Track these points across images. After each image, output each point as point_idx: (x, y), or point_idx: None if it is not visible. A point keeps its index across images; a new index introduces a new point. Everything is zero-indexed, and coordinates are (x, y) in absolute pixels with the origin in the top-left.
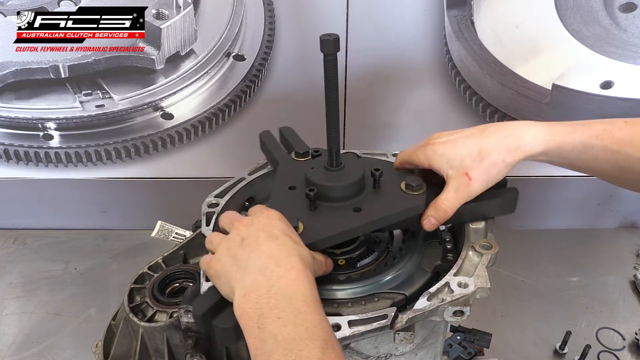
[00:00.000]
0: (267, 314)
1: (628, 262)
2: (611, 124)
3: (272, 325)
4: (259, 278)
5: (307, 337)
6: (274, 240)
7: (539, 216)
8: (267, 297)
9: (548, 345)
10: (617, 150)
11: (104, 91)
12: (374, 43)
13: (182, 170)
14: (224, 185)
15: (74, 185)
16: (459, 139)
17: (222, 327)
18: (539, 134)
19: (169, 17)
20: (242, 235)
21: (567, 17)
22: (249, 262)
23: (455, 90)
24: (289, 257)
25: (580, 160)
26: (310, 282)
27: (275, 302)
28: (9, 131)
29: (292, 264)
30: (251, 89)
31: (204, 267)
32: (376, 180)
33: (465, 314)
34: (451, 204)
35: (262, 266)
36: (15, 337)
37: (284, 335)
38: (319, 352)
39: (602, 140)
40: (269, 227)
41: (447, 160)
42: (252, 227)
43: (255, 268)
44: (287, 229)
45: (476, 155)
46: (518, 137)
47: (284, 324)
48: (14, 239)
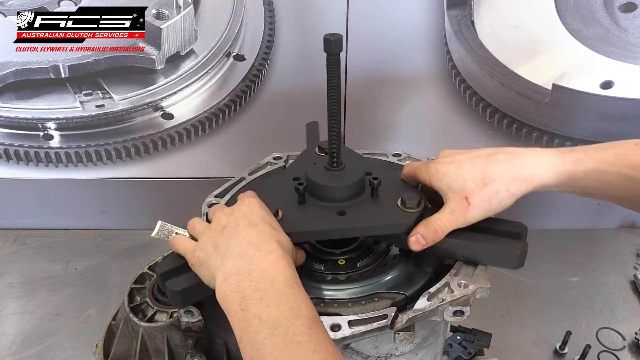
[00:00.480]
0: (250, 297)
1: (628, 262)
2: (622, 148)
3: (256, 306)
4: (239, 263)
5: (292, 316)
6: (253, 226)
7: (539, 216)
8: (248, 280)
9: (548, 345)
10: (632, 176)
11: (104, 91)
12: (374, 43)
13: (182, 170)
14: (224, 185)
15: (74, 185)
16: (464, 161)
17: (171, 290)
18: (550, 164)
19: (169, 17)
20: (222, 224)
21: (567, 17)
22: (229, 249)
23: (456, 90)
24: (267, 242)
25: (593, 187)
26: (290, 265)
27: (256, 284)
28: (9, 131)
29: (270, 249)
30: (251, 89)
31: (187, 255)
32: (374, 189)
33: (465, 314)
34: (443, 225)
35: (242, 251)
36: (15, 337)
37: (268, 315)
38: (305, 328)
39: (616, 165)
40: (248, 214)
41: (448, 180)
42: (233, 215)
43: (235, 253)
44: (267, 216)
45: (480, 180)
46: (527, 166)
47: (267, 305)
48: (14, 239)
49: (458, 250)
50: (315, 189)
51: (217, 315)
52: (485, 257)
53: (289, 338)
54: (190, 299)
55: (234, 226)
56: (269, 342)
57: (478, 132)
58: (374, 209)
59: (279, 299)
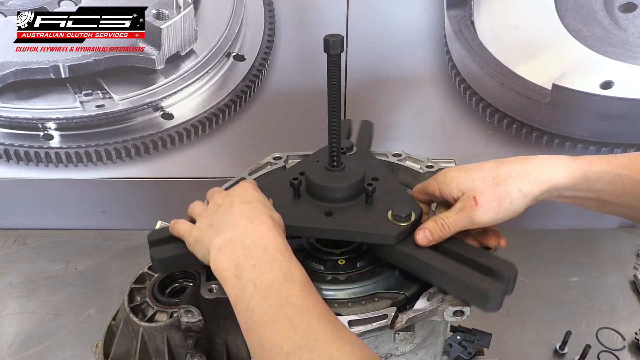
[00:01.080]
0: (244, 264)
1: (628, 262)
2: (636, 155)
3: (250, 272)
4: (232, 233)
5: (285, 280)
6: (247, 203)
7: (539, 216)
8: (241, 249)
9: (548, 345)
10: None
11: (104, 91)
12: (374, 43)
13: (182, 170)
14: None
15: (74, 185)
16: (474, 166)
17: (153, 257)
18: (562, 164)
19: (169, 17)
20: (218, 204)
21: (567, 17)
22: (222, 223)
23: (456, 90)
24: (260, 215)
25: (608, 192)
26: (282, 236)
27: (250, 252)
28: (9, 131)
29: (263, 220)
30: (251, 89)
31: (185, 235)
32: (368, 196)
33: (465, 314)
34: (450, 222)
35: (235, 223)
36: (15, 337)
37: (262, 280)
38: (298, 291)
39: (630, 170)
40: (243, 194)
41: (458, 182)
42: (228, 196)
43: (229, 225)
44: (260, 197)
45: (490, 180)
46: (539, 165)
47: (261, 271)
48: (14, 239)
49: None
50: (310, 186)
51: (217, 315)
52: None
53: (282, 300)
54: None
55: (228, 204)
56: (264, 304)
57: (478, 132)
58: (363, 215)
59: (272, 265)
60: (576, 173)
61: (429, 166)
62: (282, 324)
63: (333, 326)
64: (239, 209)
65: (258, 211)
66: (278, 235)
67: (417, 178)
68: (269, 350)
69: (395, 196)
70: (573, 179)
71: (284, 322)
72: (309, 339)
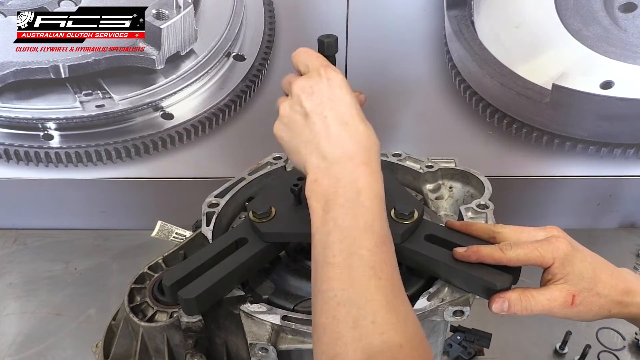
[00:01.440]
0: (333, 201)
1: (628, 262)
2: None
3: (335, 211)
4: (331, 168)
5: (364, 229)
6: (344, 125)
7: (539, 216)
8: (335, 187)
9: (548, 345)
10: None
11: (104, 91)
12: (374, 43)
13: (182, 170)
14: (224, 185)
15: (74, 185)
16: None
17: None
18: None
19: (169, 17)
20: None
21: (567, 17)
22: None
23: (456, 90)
24: (359, 150)
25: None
26: (378, 180)
27: (342, 191)
28: (9, 131)
29: (363, 160)
30: (251, 89)
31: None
32: None
33: (465, 314)
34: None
35: (336, 158)
36: (15, 337)
37: (344, 222)
38: (371, 245)
39: None
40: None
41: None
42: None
43: (330, 155)
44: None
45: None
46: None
47: (346, 213)
48: (14, 239)
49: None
50: None
51: (217, 315)
52: (464, 283)
53: (354, 249)
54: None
55: (321, 119)
56: (336, 247)
57: (478, 132)
58: None
59: (358, 210)
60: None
61: (429, 166)
62: (344, 272)
63: (390, 291)
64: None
65: (358, 142)
66: (374, 180)
67: (417, 178)
68: (324, 291)
69: (395, 195)
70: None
71: (346, 271)
72: (362, 296)
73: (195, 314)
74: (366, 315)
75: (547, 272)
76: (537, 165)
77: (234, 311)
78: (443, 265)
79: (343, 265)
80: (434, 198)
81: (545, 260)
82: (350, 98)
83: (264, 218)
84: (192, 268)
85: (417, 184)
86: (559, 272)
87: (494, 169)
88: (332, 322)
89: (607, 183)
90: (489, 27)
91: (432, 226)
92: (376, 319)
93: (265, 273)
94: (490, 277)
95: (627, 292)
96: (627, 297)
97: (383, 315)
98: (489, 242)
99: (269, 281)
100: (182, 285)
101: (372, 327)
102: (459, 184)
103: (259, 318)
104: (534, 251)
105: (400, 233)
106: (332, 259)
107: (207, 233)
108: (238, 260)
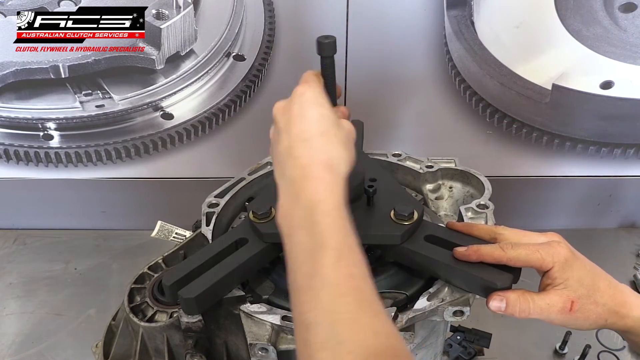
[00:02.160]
0: (293, 224)
1: (628, 262)
2: None
3: (296, 234)
4: (290, 189)
5: (321, 247)
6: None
7: (539, 216)
8: (294, 208)
9: (548, 345)
10: None
11: (104, 91)
12: (374, 43)
13: (182, 170)
14: (224, 185)
15: (74, 185)
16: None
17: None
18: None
19: (169, 17)
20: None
21: (567, 17)
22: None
23: (456, 91)
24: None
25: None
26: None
27: (299, 212)
28: (9, 131)
29: (316, 174)
30: (251, 89)
31: None
32: (369, 197)
33: (465, 314)
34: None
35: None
36: (15, 337)
37: (304, 244)
38: (331, 261)
39: None
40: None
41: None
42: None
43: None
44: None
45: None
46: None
47: (305, 234)
48: (14, 239)
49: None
50: None
51: (217, 315)
52: (465, 283)
53: (315, 269)
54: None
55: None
56: (300, 271)
57: (478, 132)
58: (366, 218)
59: (314, 229)
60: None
61: (429, 166)
62: (309, 294)
63: (356, 307)
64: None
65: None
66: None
67: (417, 178)
68: (295, 316)
69: (394, 195)
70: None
71: (311, 293)
72: (328, 317)
73: (195, 314)
74: (333, 336)
75: (546, 276)
76: (537, 165)
77: (234, 311)
78: (443, 265)
79: (307, 288)
80: (434, 198)
81: (545, 263)
82: (315, 113)
83: (264, 218)
84: (192, 268)
85: (417, 184)
86: (558, 277)
87: (494, 169)
88: (305, 345)
89: (607, 183)
90: (489, 27)
91: (432, 226)
92: (344, 338)
93: (265, 273)
94: (490, 277)
95: (624, 304)
96: (624, 308)
97: (349, 333)
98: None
99: (269, 281)
100: (182, 285)
101: (339, 347)
102: (459, 184)
103: (259, 318)
104: (535, 253)
105: (400, 234)
106: (299, 283)
107: (207, 233)
108: (238, 260)
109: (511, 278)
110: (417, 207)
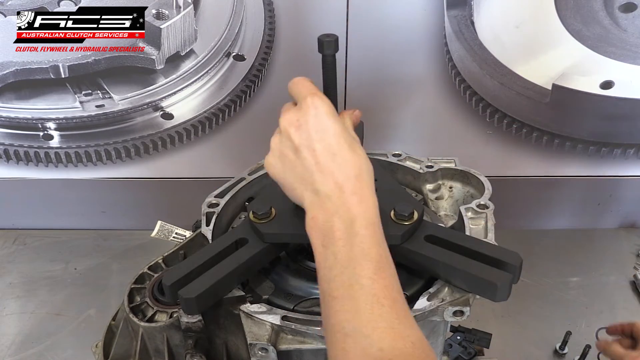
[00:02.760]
0: (331, 235)
1: (628, 262)
2: None
3: (334, 245)
4: (325, 202)
5: (362, 258)
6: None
7: (539, 216)
8: (331, 221)
9: (548, 345)
10: None
11: (104, 91)
12: (374, 43)
13: (182, 170)
14: (224, 185)
15: (74, 185)
16: None
17: (186, 297)
18: None
19: (169, 17)
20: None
21: (567, 17)
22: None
23: (456, 91)
24: (349, 180)
25: None
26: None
27: (337, 224)
28: (9, 131)
29: (353, 189)
30: (251, 89)
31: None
32: None
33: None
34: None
35: (327, 192)
36: (15, 337)
37: (342, 254)
38: (371, 272)
39: None
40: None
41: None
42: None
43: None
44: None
45: None
46: None
47: (344, 245)
48: (14, 239)
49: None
50: None
51: (217, 315)
52: (465, 283)
53: (354, 279)
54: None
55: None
56: (338, 280)
57: (478, 132)
58: None
59: (353, 240)
60: None
61: (429, 166)
62: (347, 303)
63: (395, 317)
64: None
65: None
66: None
67: (417, 178)
68: (332, 325)
69: (394, 195)
70: None
71: (349, 302)
72: (368, 325)
73: (195, 314)
74: (373, 344)
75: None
76: (537, 165)
77: (234, 311)
78: (443, 265)
79: (346, 297)
80: (434, 198)
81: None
82: (337, 126)
83: (264, 218)
84: (192, 268)
85: (417, 184)
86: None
87: (494, 169)
88: (342, 354)
89: (607, 183)
90: (489, 27)
91: (432, 226)
92: (383, 346)
93: (265, 273)
94: (490, 276)
95: None
96: None
97: (389, 342)
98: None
99: (269, 281)
100: (182, 284)
101: (380, 355)
102: (459, 184)
103: (258, 318)
104: None
105: (400, 234)
106: (335, 292)
107: (207, 233)
108: (238, 260)
109: (510, 278)
110: (417, 207)
